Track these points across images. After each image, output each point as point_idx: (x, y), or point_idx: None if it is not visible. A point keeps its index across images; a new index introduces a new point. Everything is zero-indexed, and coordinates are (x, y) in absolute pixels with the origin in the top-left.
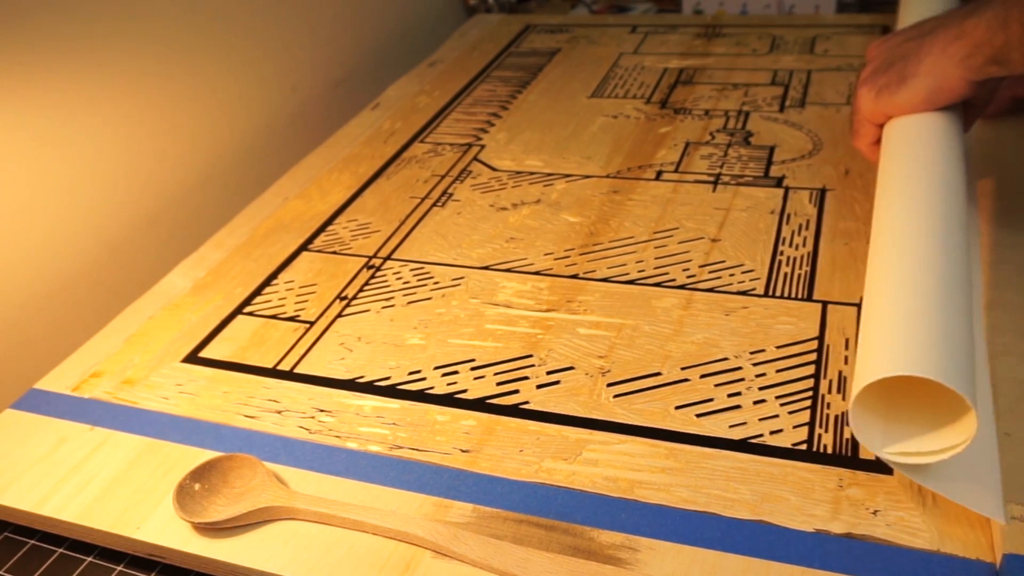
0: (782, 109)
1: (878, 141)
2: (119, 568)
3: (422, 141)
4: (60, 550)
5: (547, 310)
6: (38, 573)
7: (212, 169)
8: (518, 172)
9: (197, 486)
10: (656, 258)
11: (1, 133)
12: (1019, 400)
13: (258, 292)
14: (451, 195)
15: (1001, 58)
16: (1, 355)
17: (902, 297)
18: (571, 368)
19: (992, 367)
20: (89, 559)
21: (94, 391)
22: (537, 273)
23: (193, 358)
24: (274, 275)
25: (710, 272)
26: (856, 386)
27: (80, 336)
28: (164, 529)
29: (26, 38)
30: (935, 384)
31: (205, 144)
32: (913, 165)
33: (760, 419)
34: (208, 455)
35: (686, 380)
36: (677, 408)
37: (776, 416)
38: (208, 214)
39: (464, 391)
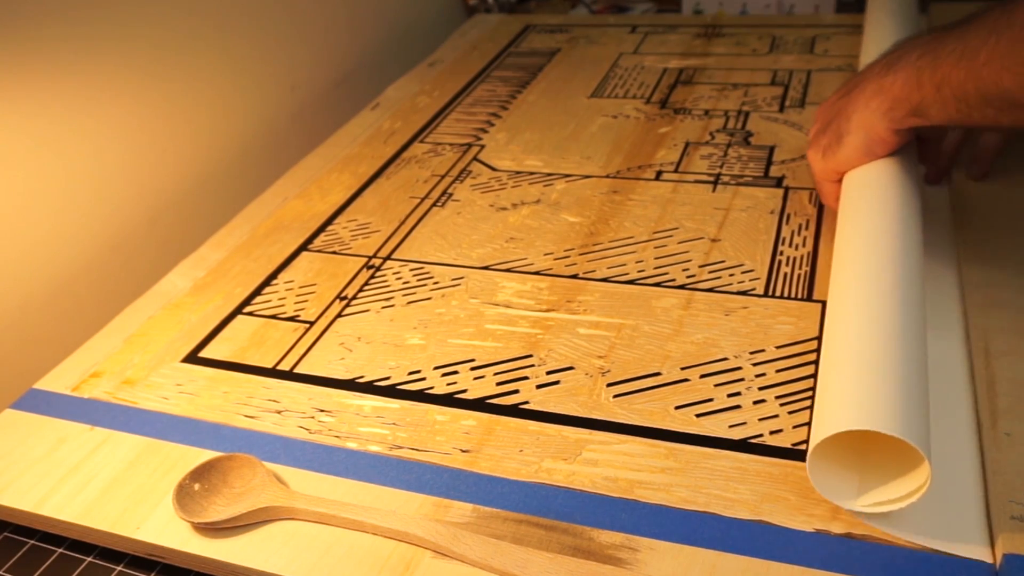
0: (782, 109)
1: (839, 197)
2: (119, 568)
3: (422, 141)
4: (60, 550)
5: (547, 310)
6: (38, 573)
7: (212, 169)
8: (518, 172)
9: (197, 486)
10: (656, 258)
11: (1, 133)
12: (1019, 400)
13: (258, 292)
14: (451, 195)
15: (919, 112)
16: (1, 355)
17: (848, 351)
18: (571, 368)
19: (992, 367)
20: (89, 559)
21: (94, 391)
22: (537, 273)
23: (193, 358)
24: (274, 275)
25: (710, 272)
26: (810, 446)
27: (80, 336)
28: (164, 529)
29: (26, 39)
30: (886, 435)
31: (205, 144)
32: (865, 221)
33: (760, 419)
34: (208, 455)
35: (686, 380)
36: (677, 408)
37: (776, 416)
38: (208, 214)
39: (464, 391)
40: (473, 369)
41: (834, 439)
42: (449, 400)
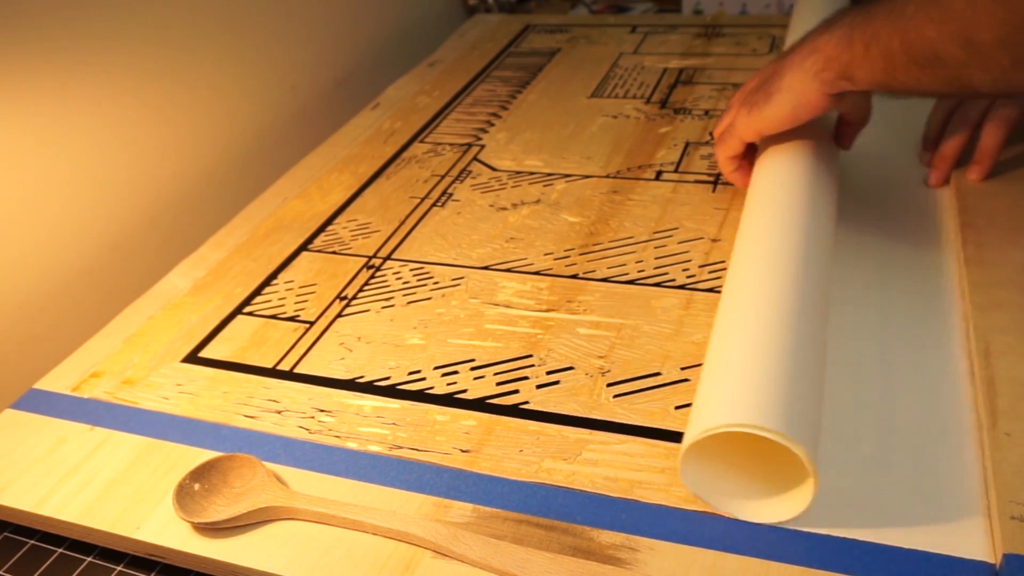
0: None
1: (736, 156)
2: (119, 568)
3: (422, 141)
4: (60, 550)
5: (547, 310)
6: (38, 573)
7: (212, 169)
8: (518, 172)
9: (197, 486)
10: (656, 258)
11: (1, 133)
12: (1019, 400)
13: (258, 292)
14: (451, 195)
15: (847, 74)
16: (1, 355)
17: (730, 343)
18: (571, 368)
19: (992, 367)
20: (89, 559)
21: (94, 391)
22: (537, 273)
23: (193, 358)
24: (274, 275)
25: (710, 272)
26: (682, 447)
27: (80, 336)
28: (164, 529)
29: (27, 38)
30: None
31: (205, 144)
32: (770, 209)
33: None
34: (208, 455)
35: (686, 380)
36: (677, 408)
37: None
38: (208, 214)
39: (464, 391)
40: (473, 369)
41: (710, 438)
42: (449, 400)
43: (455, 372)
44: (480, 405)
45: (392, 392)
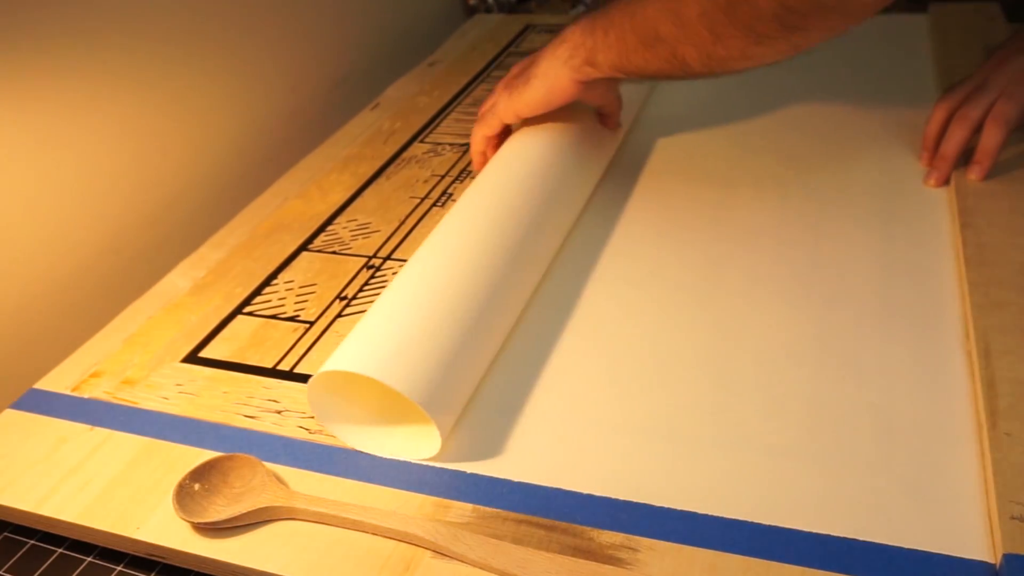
0: None
1: (493, 136)
2: (119, 568)
3: (422, 141)
4: (60, 550)
5: None
6: (38, 573)
7: (212, 169)
8: None
9: (197, 486)
10: None
11: (2, 133)
12: (1019, 400)
13: (258, 292)
14: (451, 195)
15: (591, 60)
16: (1, 355)
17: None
18: None
19: (992, 367)
20: (89, 559)
21: (94, 391)
22: None
23: (193, 358)
24: (274, 275)
25: None
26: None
27: (80, 336)
28: (164, 529)
29: (27, 38)
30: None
31: (205, 144)
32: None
33: None
34: (208, 455)
35: None
36: None
37: None
38: (208, 214)
39: None
40: None
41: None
42: None
43: None
44: None
45: None
